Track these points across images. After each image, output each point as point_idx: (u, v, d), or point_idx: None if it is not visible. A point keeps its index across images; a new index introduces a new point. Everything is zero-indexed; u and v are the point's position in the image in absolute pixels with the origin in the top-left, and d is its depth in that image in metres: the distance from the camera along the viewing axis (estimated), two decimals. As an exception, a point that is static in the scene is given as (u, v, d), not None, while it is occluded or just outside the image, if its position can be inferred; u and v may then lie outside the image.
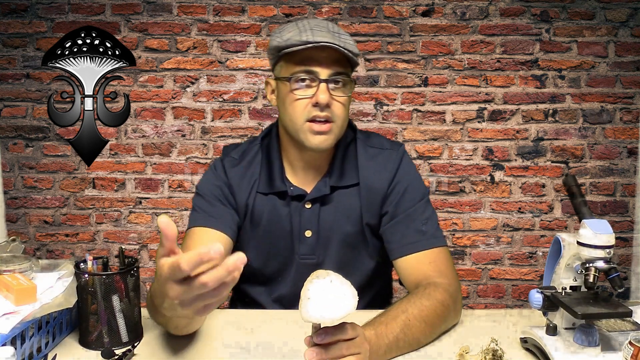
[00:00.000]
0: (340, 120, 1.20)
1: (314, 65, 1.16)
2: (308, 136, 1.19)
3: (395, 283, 1.49)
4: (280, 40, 1.18)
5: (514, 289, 2.69)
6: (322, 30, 1.16)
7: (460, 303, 1.18)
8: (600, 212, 2.62)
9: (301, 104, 1.17)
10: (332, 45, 1.13)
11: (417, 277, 1.18)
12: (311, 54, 1.15)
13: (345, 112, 1.20)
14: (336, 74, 1.17)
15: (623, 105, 2.60)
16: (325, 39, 1.13)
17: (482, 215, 2.66)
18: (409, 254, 1.21)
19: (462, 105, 2.61)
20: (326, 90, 1.15)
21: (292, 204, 1.27)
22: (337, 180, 1.27)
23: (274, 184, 1.27)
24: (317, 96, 1.15)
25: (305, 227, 1.27)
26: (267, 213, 1.28)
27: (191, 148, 2.64)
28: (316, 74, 1.16)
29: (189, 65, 2.60)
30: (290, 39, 1.16)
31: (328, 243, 1.28)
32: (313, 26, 1.17)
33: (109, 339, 1.06)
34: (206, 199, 1.28)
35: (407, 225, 1.23)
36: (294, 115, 1.19)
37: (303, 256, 1.28)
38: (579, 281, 1.04)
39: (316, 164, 1.28)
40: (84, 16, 2.57)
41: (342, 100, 1.19)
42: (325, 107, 1.16)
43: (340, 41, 1.15)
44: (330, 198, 1.27)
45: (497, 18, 2.58)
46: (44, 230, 2.67)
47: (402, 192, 1.26)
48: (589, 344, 0.96)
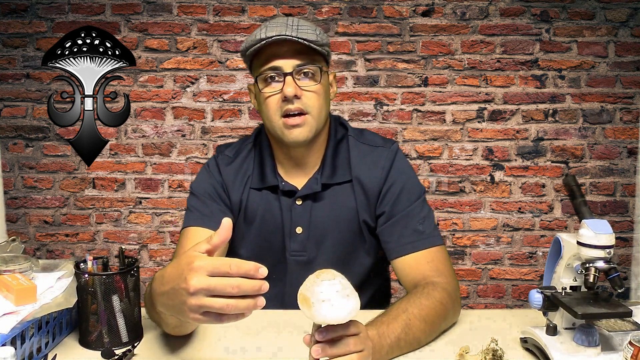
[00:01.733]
0: (315, 110, 1.20)
1: (275, 60, 1.17)
2: (284, 132, 1.20)
3: (395, 283, 1.49)
4: (244, 44, 1.22)
5: (514, 289, 2.69)
6: (279, 25, 1.18)
7: (459, 302, 1.18)
8: (600, 212, 2.62)
9: (272, 101, 1.19)
10: (287, 37, 1.14)
11: (415, 277, 1.18)
12: (273, 51, 1.17)
13: (319, 101, 1.20)
14: (300, 65, 1.18)
15: (623, 105, 2.60)
16: (278, 32, 1.15)
17: (482, 215, 2.66)
18: (406, 254, 1.21)
19: (462, 105, 2.61)
20: (292, 82, 1.17)
21: (283, 200, 1.28)
22: (329, 177, 1.27)
23: (266, 179, 1.28)
24: (284, 90, 1.17)
25: (296, 223, 1.28)
26: (261, 209, 1.29)
27: (191, 148, 2.64)
28: (280, 68, 1.18)
29: (189, 65, 2.60)
30: (249, 41, 1.19)
31: (321, 240, 1.28)
32: (271, 23, 1.19)
33: (109, 339, 1.06)
34: (200, 199, 1.29)
35: (404, 225, 1.23)
36: (269, 114, 1.21)
37: (294, 253, 1.29)
38: (579, 281, 1.04)
39: (305, 161, 1.28)
40: (84, 16, 2.57)
41: (313, 89, 1.19)
42: (294, 99, 1.17)
43: (296, 32, 1.16)
44: (322, 195, 1.27)
45: (497, 18, 2.58)
46: (44, 230, 2.67)
47: (399, 193, 1.25)
48: (589, 344, 0.96)
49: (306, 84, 1.18)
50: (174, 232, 2.66)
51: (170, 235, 2.67)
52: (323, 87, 1.21)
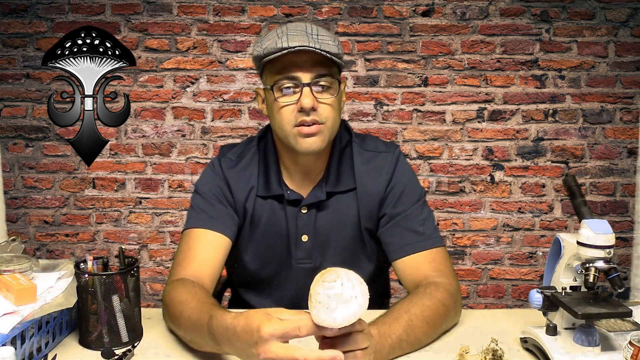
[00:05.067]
0: (330, 122, 1.18)
1: (294, 70, 1.15)
2: (298, 140, 1.17)
3: (394, 283, 1.49)
4: (260, 49, 1.18)
5: (514, 289, 2.69)
6: (299, 34, 1.15)
7: (460, 302, 1.18)
8: (600, 212, 2.62)
9: (287, 110, 1.16)
10: (309, 49, 1.12)
11: (416, 278, 1.18)
12: (291, 60, 1.14)
13: (333, 113, 1.19)
14: (318, 76, 1.15)
15: (623, 105, 2.60)
16: (301, 42, 1.12)
17: (482, 215, 2.66)
18: (407, 255, 1.21)
19: (462, 105, 2.61)
20: (309, 94, 1.14)
21: (288, 209, 1.27)
22: (334, 185, 1.26)
23: (271, 188, 1.27)
24: (301, 101, 1.14)
25: (302, 231, 1.27)
26: (266, 216, 1.27)
27: (191, 148, 2.64)
28: (298, 79, 1.15)
29: (189, 65, 2.60)
30: (268, 48, 1.15)
31: (325, 248, 1.28)
32: (290, 31, 1.16)
33: (109, 339, 1.06)
34: (206, 199, 1.27)
35: (404, 226, 1.23)
36: (282, 123, 1.18)
37: (300, 260, 1.28)
38: (579, 281, 1.04)
39: (311, 169, 1.27)
40: (84, 16, 2.57)
41: (329, 101, 1.17)
42: (311, 111, 1.15)
43: (317, 43, 1.14)
44: (326, 204, 1.27)
45: (497, 18, 2.58)
46: (44, 230, 2.67)
47: (399, 195, 1.25)
48: (589, 344, 0.96)
49: (323, 96, 1.16)
50: (174, 232, 2.66)
51: (170, 235, 2.67)
52: (338, 98, 1.20)
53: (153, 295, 2.67)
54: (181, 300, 1.08)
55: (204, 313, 0.99)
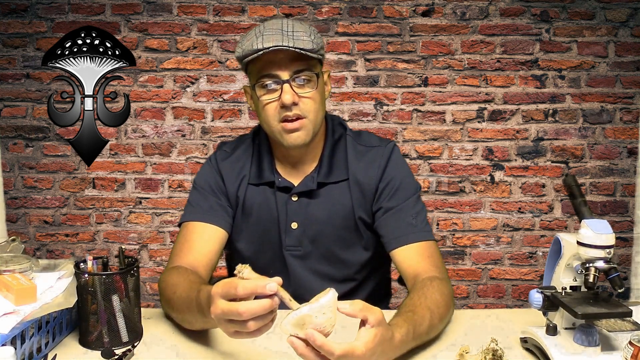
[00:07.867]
0: (312, 114, 1.22)
1: (273, 68, 1.19)
2: (283, 135, 1.22)
3: (394, 283, 1.49)
4: (240, 51, 1.22)
5: (514, 289, 2.69)
6: (274, 33, 1.18)
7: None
8: (600, 212, 2.62)
9: (271, 107, 1.21)
10: (283, 48, 1.15)
11: (415, 269, 1.20)
12: (269, 58, 1.18)
13: (315, 105, 1.22)
14: (297, 72, 1.19)
15: (623, 105, 2.60)
16: (275, 42, 1.16)
17: (482, 215, 2.66)
18: (403, 245, 1.23)
19: (462, 105, 2.61)
20: (289, 90, 1.18)
21: (279, 195, 1.30)
22: (326, 176, 1.30)
23: (263, 175, 1.31)
24: (282, 98, 1.18)
25: (292, 219, 1.30)
26: (258, 203, 1.31)
27: (191, 148, 2.64)
28: (277, 76, 1.19)
29: (189, 65, 2.60)
30: (245, 49, 1.19)
31: (316, 236, 1.30)
32: (266, 30, 1.19)
33: (109, 339, 1.07)
34: (201, 193, 1.32)
35: (397, 218, 1.26)
36: (267, 119, 1.23)
37: (289, 247, 1.31)
38: (579, 281, 1.04)
39: (303, 160, 1.31)
40: (84, 16, 2.57)
41: (309, 95, 1.21)
42: (292, 106, 1.19)
43: (292, 41, 1.17)
44: (318, 193, 1.30)
45: (497, 18, 2.58)
46: (44, 230, 2.67)
47: (395, 189, 1.28)
48: (589, 344, 0.96)
49: (303, 91, 1.20)
50: (174, 232, 2.66)
51: (170, 235, 2.67)
52: (319, 91, 1.23)
53: (153, 295, 2.67)
54: (174, 282, 1.14)
55: (193, 290, 1.04)
